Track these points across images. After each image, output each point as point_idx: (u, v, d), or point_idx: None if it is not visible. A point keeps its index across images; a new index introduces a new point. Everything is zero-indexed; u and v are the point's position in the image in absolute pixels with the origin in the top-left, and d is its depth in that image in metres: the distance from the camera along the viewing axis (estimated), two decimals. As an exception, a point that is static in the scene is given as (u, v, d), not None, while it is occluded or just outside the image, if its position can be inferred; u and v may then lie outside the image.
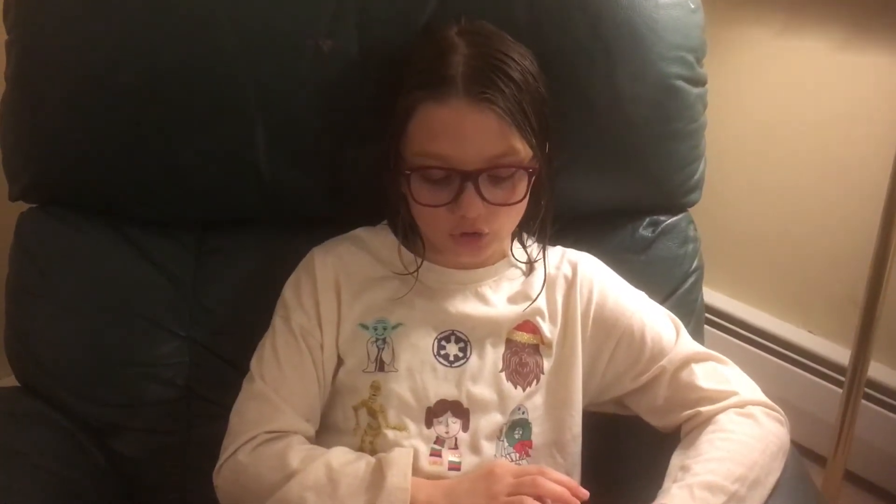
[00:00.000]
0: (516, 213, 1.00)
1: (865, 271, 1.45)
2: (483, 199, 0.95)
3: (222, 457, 0.97)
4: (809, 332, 1.84)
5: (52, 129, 1.09)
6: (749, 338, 1.87)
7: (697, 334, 1.17)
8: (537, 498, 0.90)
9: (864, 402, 1.54)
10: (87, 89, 1.07)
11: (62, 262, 1.13)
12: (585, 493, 0.92)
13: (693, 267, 1.21)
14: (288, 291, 1.04)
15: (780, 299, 1.88)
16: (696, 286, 1.20)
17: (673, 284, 1.19)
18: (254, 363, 1.02)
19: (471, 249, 1.00)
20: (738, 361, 1.06)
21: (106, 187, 1.12)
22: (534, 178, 0.98)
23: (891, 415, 1.68)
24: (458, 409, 1.00)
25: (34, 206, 1.15)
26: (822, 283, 1.79)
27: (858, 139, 1.69)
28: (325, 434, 1.01)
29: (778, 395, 1.04)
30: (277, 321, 1.03)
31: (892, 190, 1.38)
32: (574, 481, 0.95)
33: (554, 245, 1.10)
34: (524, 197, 0.98)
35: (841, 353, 1.74)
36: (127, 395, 1.11)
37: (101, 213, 1.14)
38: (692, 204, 1.22)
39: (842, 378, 1.70)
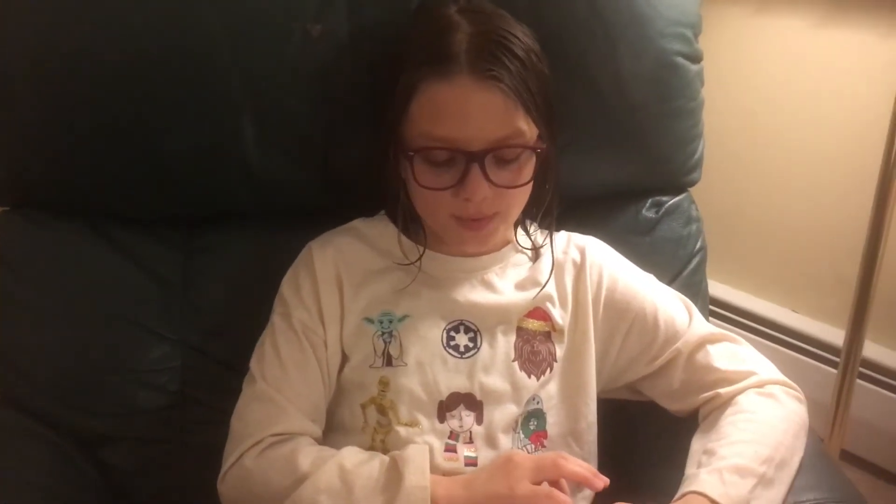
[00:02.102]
0: (522, 195, 0.97)
1: (857, 252, 1.45)
2: (489, 181, 0.91)
3: (226, 463, 0.92)
4: (795, 311, 1.85)
5: (24, 125, 1.04)
6: (738, 321, 1.86)
7: (703, 316, 1.14)
8: (555, 482, 0.87)
9: (857, 380, 1.54)
10: (61, 81, 1.01)
11: (41, 267, 1.07)
12: (606, 480, 0.89)
13: (697, 247, 1.18)
14: (286, 287, 1.00)
15: (770, 281, 1.88)
16: (701, 267, 1.18)
17: (678, 266, 1.16)
18: (254, 363, 0.97)
19: (476, 235, 0.97)
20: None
21: (84, 186, 1.07)
22: (540, 158, 0.94)
23: (884, 392, 1.69)
24: (471, 402, 0.96)
25: (7, 208, 1.09)
26: (813, 264, 1.79)
27: (839, 117, 1.69)
28: (331, 434, 0.97)
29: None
30: (277, 319, 0.99)
31: (884, 167, 1.38)
32: (593, 468, 0.92)
33: (558, 229, 1.07)
34: (531, 179, 0.95)
35: (831, 333, 1.74)
36: (117, 404, 1.05)
37: (80, 214, 1.09)
38: (693, 183, 1.20)
39: (832, 357, 1.70)
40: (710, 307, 1.86)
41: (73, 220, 1.08)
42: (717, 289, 1.88)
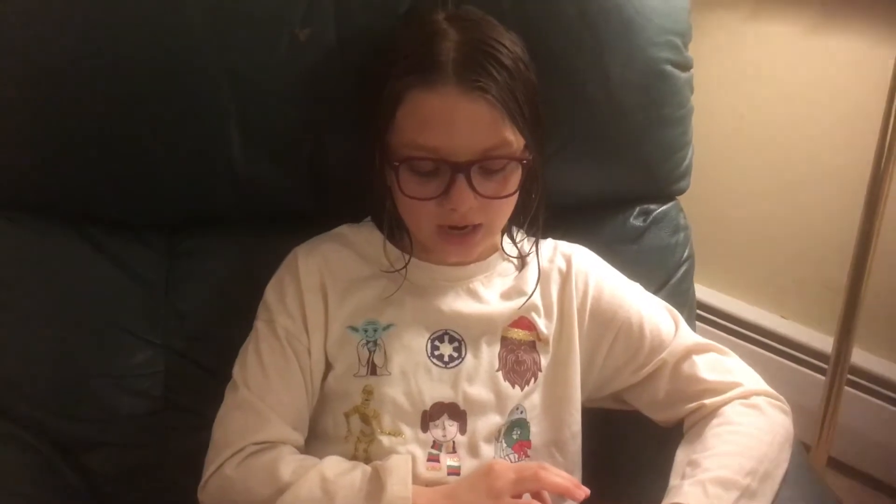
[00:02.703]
0: (508, 206, 0.96)
1: (846, 258, 1.45)
2: (474, 191, 0.91)
3: (207, 471, 0.92)
4: (784, 317, 1.85)
5: (7, 128, 1.03)
6: (726, 326, 1.86)
7: (690, 325, 1.14)
8: (536, 494, 0.87)
9: (845, 387, 1.54)
10: (46, 85, 1.00)
11: (23, 271, 1.06)
12: (587, 491, 0.89)
13: (685, 256, 1.18)
14: (270, 293, 0.99)
15: (759, 287, 1.88)
16: (688, 275, 1.18)
17: (666, 274, 1.16)
18: (236, 370, 0.97)
19: (460, 247, 0.96)
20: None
21: (69, 189, 1.06)
22: (526, 169, 0.94)
23: (871, 399, 1.69)
24: (455, 412, 0.95)
25: (-11, 210, 1.08)
26: (802, 271, 1.79)
27: (829, 124, 1.69)
28: (314, 443, 0.96)
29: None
30: (260, 325, 0.98)
31: (874, 174, 1.38)
32: (574, 478, 0.91)
33: (544, 238, 1.06)
34: (517, 189, 0.94)
35: (819, 340, 1.74)
36: (99, 409, 1.05)
37: (63, 217, 1.08)
38: (681, 192, 1.20)
39: (820, 364, 1.70)
40: (699, 313, 1.86)
41: (57, 222, 1.07)
42: (705, 294, 1.88)
